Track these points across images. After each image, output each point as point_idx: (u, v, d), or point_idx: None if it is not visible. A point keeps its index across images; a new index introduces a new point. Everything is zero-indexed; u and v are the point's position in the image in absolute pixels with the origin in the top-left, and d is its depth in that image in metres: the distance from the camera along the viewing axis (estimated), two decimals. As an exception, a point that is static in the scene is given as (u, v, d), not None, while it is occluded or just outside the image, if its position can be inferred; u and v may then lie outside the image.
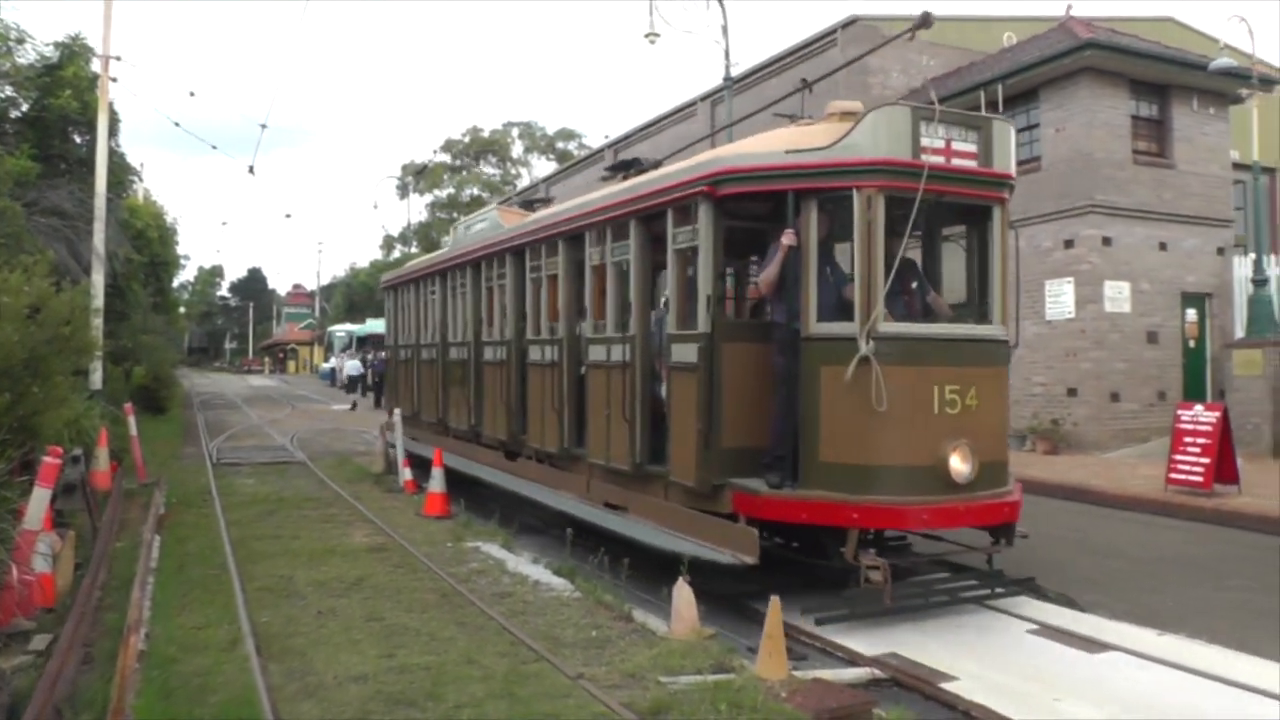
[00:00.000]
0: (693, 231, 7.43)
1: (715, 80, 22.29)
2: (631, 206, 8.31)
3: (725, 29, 20.67)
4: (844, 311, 6.96)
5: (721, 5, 20.69)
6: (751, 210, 8.02)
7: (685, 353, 7.49)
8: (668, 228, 7.77)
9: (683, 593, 6.19)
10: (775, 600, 5.41)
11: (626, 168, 10.54)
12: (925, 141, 6.65)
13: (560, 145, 65.88)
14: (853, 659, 5.98)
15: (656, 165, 9.78)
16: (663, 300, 8.46)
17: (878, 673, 5.73)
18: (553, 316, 10.11)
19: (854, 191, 6.63)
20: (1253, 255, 17.36)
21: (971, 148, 6.88)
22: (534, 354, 10.47)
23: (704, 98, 27.43)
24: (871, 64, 21.31)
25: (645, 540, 7.58)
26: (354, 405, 33.47)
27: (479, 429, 12.36)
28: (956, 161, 6.79)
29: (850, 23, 22.26)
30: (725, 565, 6.83)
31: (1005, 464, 7.12)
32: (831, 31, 22.75)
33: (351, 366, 40.08)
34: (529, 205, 12.80)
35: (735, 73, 21.82)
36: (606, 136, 36.10)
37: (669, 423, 7.77)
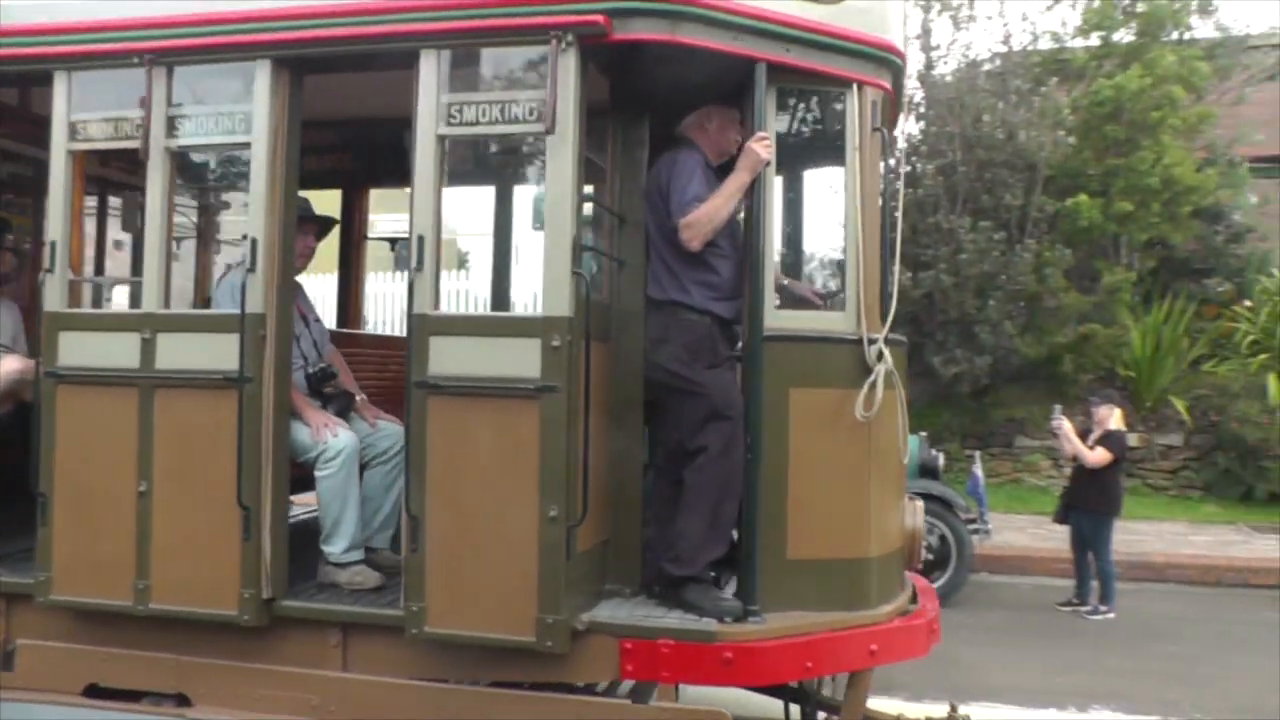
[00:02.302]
0: (523, 108, 3.51)
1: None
2: (271, 31, 3.72)
3: None
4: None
5: None
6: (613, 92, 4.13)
7: (504, 358, 3.51)
8: (423, 89, 3.60)
9: None
10: None
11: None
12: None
13: None
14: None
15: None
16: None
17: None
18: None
19: (853, 89, 3.84)
20: None
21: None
22: None
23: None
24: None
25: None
26: None
27: None
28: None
29: None
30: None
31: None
32: None
33: None
34: None
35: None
36: None
37: (416, 506, 3.61)
